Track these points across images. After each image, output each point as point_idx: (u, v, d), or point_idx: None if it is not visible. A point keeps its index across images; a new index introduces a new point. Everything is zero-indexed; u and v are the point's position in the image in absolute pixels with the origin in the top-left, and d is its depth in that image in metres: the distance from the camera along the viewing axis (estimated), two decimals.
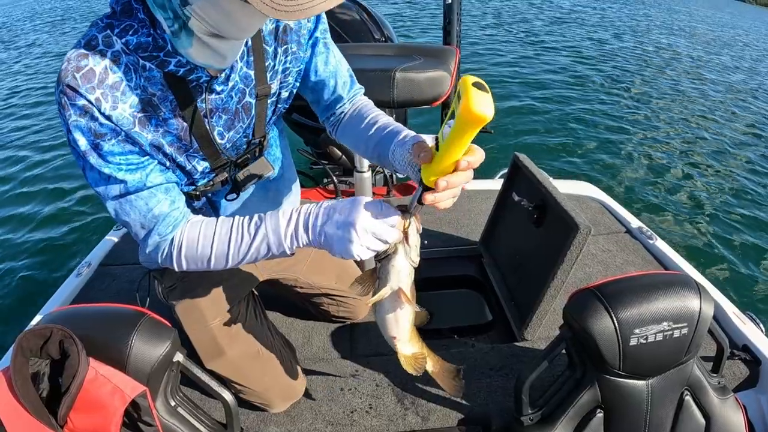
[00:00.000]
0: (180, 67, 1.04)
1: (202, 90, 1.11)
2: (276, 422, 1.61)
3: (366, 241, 1.01)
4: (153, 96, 1.06)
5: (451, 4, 3.19)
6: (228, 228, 1.15)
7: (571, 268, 1.73)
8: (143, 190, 1.12)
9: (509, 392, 1.61)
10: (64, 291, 2.17)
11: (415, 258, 1.08)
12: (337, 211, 1.05)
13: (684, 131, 7.65)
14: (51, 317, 1.30)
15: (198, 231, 1.17)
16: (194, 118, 1.13)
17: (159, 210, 1.14)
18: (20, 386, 1.11)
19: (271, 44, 1.21)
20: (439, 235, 2.50)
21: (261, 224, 1.12)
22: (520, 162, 2.13)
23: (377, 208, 1.01)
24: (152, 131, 1.08)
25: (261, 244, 1.12)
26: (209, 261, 1.17)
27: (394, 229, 1.02)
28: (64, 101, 0.98)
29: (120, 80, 1.00)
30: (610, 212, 2.68)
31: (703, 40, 17.27)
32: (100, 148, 1.03)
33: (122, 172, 1.08)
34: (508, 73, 9.91)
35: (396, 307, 1.12)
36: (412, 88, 1.74)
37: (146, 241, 1.18)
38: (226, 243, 1.14)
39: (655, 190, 5.69)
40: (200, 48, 1.00)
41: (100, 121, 1.00)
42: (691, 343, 1.31)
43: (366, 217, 1.00)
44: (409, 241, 1.06)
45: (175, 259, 1.19)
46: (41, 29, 16.14)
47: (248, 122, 1.26)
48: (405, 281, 1.08)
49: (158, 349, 1.26)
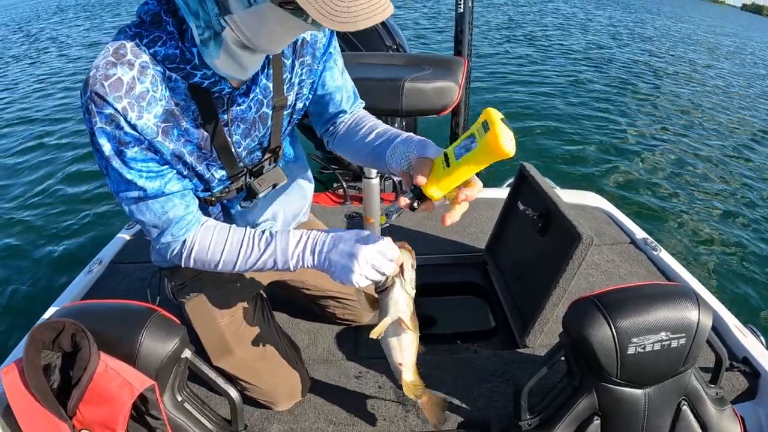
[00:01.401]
0: (205, 79, 1.08)
1: (224, 101, 1.16)
2: (279, 420, 1.64)
3: (366, 271, 1.11)
4: (176, 106, 1.10)
5: (462, 13, 3.21)
6: (240, 238, 1.23)
7: (573, 277, 1.75)
8: (161, 196, 1.17)
9: (509, 398, 1.63)
10: (75, 287, 2.20)
11: (410, 290, 1.20)
12: (343, 241, 1.15)
13: (694, 143, 7.61)
14: (64, 311, 1.34)
15: (210, 237, 1.24)
16: (216, 128, 1.17)
17: (174, 214, 1.20)
18: (32, 377, 1.14)
19: (289, 57, 1.27)
20: (446, 241, 2.52)
21: (272, 241, 1.21)
22: (526, 172, 2.16)
23: (379, 243, 1.13)
24: (174, 141, 1.13)
25: (268, 259, 1.21)
26: (217, 265, 1.25)
27: (392, 263, 1.14)
28: (91, 108, 1.02)
29: (146, 91, 1.04)
30: (616, 223, 2.69)
31: (714, 51, 17.20)
32: (124, 154, 1.08)
33: (142, 179, 1.12)
34: (516, 82, 9.90)
35: (399, 334, 1.23)
36: (420, 97, 1.76)
37: (159, 239, 1.23)
38: (236, 253, 1.23)
39: (662, 201, 5.67)
40: (226, 58, 1.06)
41: (125, 130, 1.04)
42: (689, 353, 1.32)
43: (368, 250, 1.11)
44: (404, 275, 1.18)
45: (184, 258, 1.26)
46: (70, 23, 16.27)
47: (264, 132, 1.31)
48: (404, 311, 1.19)
49: (167, 346, 1.29)
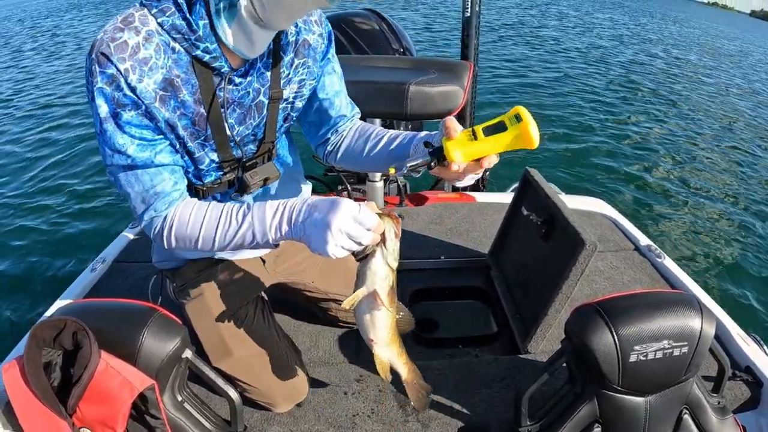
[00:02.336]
0: (206, 53, 1.13)
1: (222, 79, 1.19)
2: (279, 422, 1.64)
3: (341, 241, 1.04)
4: (177, 77, 1.14)
5: (469, 17, 3.23)
6: (218, 213, 1.20)
7: (576, 283, 1.74)
8: (151, 167, 1.18)
9: (510, 403, 1.63)
10: (78, 285, 2.20)
11: (392, 262, 1.11)
12: (318, 210, 1.08)
13: (701, 150, 7.60)
14: (65, 309, 1.34)
15: (189, 212, 1.22)
16: (212, 104, 1.20)
17: (162, 188, 1.20)
18: (32, 374, 1.14)
19: (288, 54, 1.32)
20: (449, 245, 2.52)
21: (249, 213, 1.17)
22: (530, 177, 2.15)
23: (354, 210, 1.04)
24: (170, 111, 1.16)
25: (247, 231, 1.16)
26: (197, 242, 1.22)
27: (370, 232, 1.05)
28: (94, 68, 1.06)
29: (149, 57, 1.09)
30: (620, 229, 2.68)
31: (723, 57, 17.17)
32: (119, 117, 1.11)
33: (134, 146, 1.15)
34: (522, 86, 9.91)
35: (372, 309, 1.14)
36: (425, 101, 1.77)
37: (143, 215, 1.24)
38: (214, 227, 1.19)
39: (666, 208, 5.66)
40: (237, 31, 1.11)
41: (125, 92, 1.09)
42: (691, 362, 1.32)
43: (342, 219, 1.02)
44: (386, 245, 1.09)
45: (165, 236, 1.24)
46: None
47: (259, 121, 1.33)
48: (381, 284, 1.11)
49: (168, 345, 1.29)
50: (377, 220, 1.06)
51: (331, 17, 3.55)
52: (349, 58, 2.49)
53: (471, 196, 3.00)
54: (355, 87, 1.83)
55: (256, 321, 1.65)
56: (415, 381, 1.32)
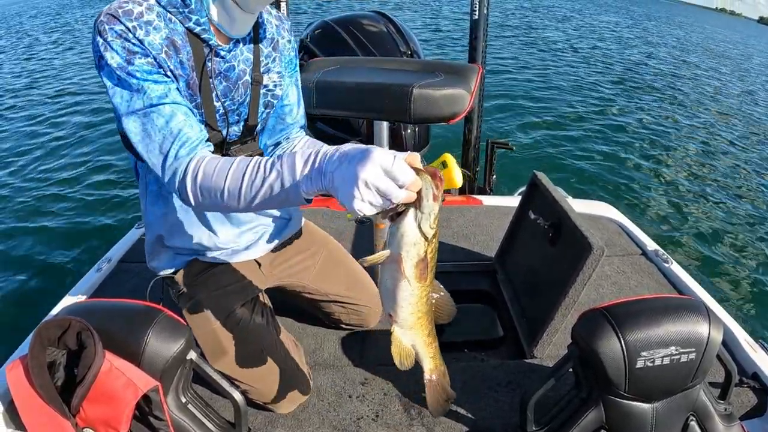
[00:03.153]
0: (197, 25, 1.25)
1: (210, 51, 1.30)
2: (283, 424, 1.63)
3: (369, 197, 0.91)
4: (175, 41, 1.24)
5: (477, 20, 3.22)
6: (245, 163, 1.14)
7: (583, 288, 1.74)
8: (165, 104, 1.21)
9: (515, 408, 1.62)
10: (84, 284, 2.21)
11: (426, 229, 0.94)
12: (348, 159, 0.97)
13: (709, 155, 7.59)
14: (70, 309, 1.34)
15: (216, 163, 1.18)
16: (202, 73, 1.30)
17: (178, 128, 1.22)
18: (36, 374, 1.15)
19: (267, 47, 1.47)
20: (455, 249, 2.52)
21: (278, 162, 1.09)
22: (538, 180, 2.15)
23: (387, 162, 0.90)
24: (174, 66, 1.24)
25: (275, 180, 1.08)
26: (223, 194, 1.15)
27: (403, 189, 0.91)
28: (102, 27, 1.15)
29: (153, 20, 1.20)
30: (627, 234, 2.67)
31: (734, 64, 17.13)
32: (132, 63, 1.17)
33: (148, 82, 1.20)
34: (530, 90, 9.90)
35: (394, 279, 1.00)
36: (428, 104, 1.75)
37: (164, 166, 1.22)
38: (240, 177, 1.12)
39: (674, 213, 5.65)
40: (219, 9, 1.25)
41: (133, 42, 1.17)
42: (698, 368, 1.31)
43: (371, 171, 0.90)
44: (421, 206, 0.93)
45: (190, 187, 1.19)
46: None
47: (243, 99, 1.43)
48: (408, 250, 0.95)
49: (173, 346, 1.29)
50: (413, 175, 0.91)
51: (339, 19, 3.55)
52: (355, 59, 2.48)
53: (478, 199, 2.99)
54: (359, 88, 1.83)
55: (254, 321, 1.65)
56: (439, 382, 1.21)
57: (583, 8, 28.86)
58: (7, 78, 10.99)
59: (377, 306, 1.95)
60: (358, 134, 3.29)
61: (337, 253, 1.95)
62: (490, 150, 3.53)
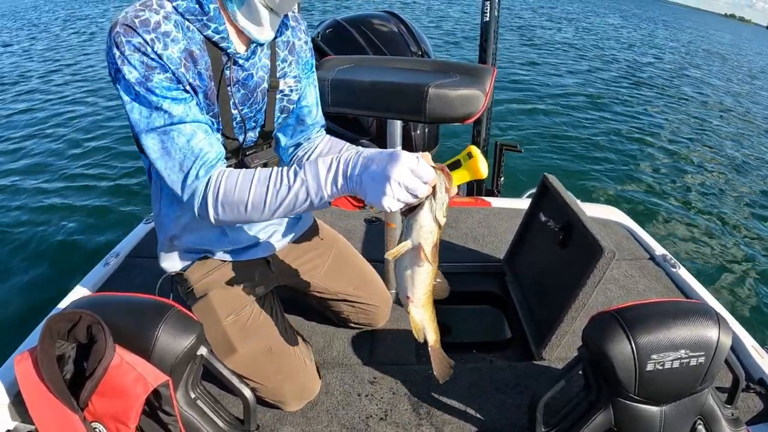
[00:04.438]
0: (216, 33, 1.22)
1: (228, 59, 1.28)
2: (292, 422, 1.64)
3: (398, 194, 1.04)
4: (193, 52, 1.22)
5: (488, 21, 3.22)
6: (267, 174, 1.20)
7: (593, 291, 1.74)
8: (186, 123, 1.21)
9: (523, 410, 1.63)
10: (91, 279, 2.20)
11: (440, 217, 1.09)
12: (375, 162, 1.08)
13: (719, 162, 7.57)
14: (80, 303, 1.34)
15: (236, 177, 1.22)
16: (221, 82, 1.29)
17: (199, 147, 1.22)
18: (45, 367, 1.15)
19: (283, 50, 1.45)
20: (465, 250, 2.52)
21: (300, 171, 1.16)
22: (549, 183, 2.15)
23: (413, 163, 1.04)
24: (192, 78, 1.23)
25: (300, 189, 1.16)
26: (246, 207, 1.21)
27: (427, 185, 1.05)
28: (119, 39, 1.12)
29: (170, 31, 1.17)
30: (635, 238, 2.67)
31: (745, 71, 17.07)
32: (150, 79, 1.16)
33: (168, 101, 1.18)
34: (541, 92, 9.89)
35: (414, 265, 1.13)
36: (444, 104, 1.75)
37: (184, 185, 1.24)
38: (265, 187, 1.19)
39: (683, 218, 5.64)
40: (247, 12, 1.23)
41: (151, 57, 1.15)
42: (707, 372, 1.31)
43: (401, 171, 1.03)
44: (435, 198, 1.08)
45: (211, 204, 1.23)
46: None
47: (260, 106, 1.42)
48: (427, 238, 1.09)
49: (183, 342, 1.30)
50: (434, 173, 1.06)
51: (350, 18, 3.57)
52: (369, 58, 2.49)
53: (486, 201, 2.99)
54: (374, 87, 1.83)
55: (263, 319, 1.66)
56: (441, 351, 1.32)
57: (591, 14, 28.80)
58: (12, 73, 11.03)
59: (386, 306, 1.96)
60: (368, 133, 3.30)
61: (347, 251, 1.96)
62: (498, 152, 3.54)
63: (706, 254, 4.96)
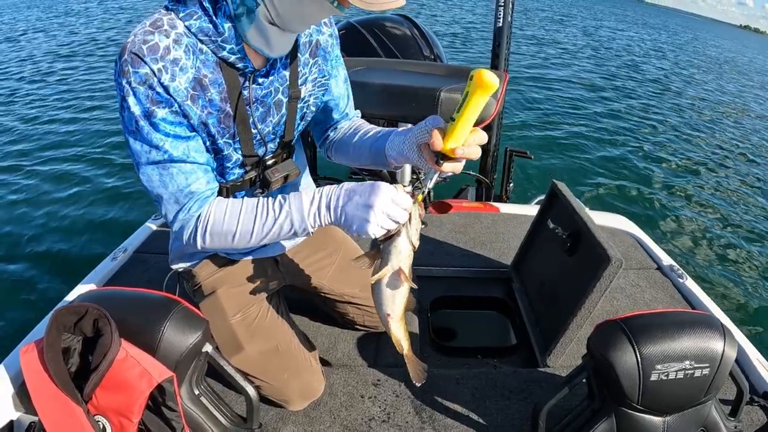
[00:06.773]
0: (232, 54, 1.19)
1: (246, 79, 1.25)
2: (294, 422, 1.64)
3: (382, 221, 1.12)
4: (205, 77, 1.19)
5: (501, 27, 3.22)
6: (254, 205, 1.25)
7: (599, 300, 1.73)
8: (186, 163, 1.22)
9: (526, 416, 1.63)
10: (98, 273, 2.22)
11: (415, 240, 1.18)
12: (358, 194, 1.16)
13: (729, 173, 7.54)
14: (87, 296, 1.35)
15: (225, 208, 1.26)
16: (238, 102, 1.27)
17: (196, 187, 1.24)
18: (50, 359, 1.16)
19: (304, 54, 1.40)
20: (472, 255, 2.52)
21: (285, 203, 1.22)
22: (557, 189, 2.15)
23: (393, 192, 1.13)
24: (200, 109, 1.20)
25: (285, 221, 1.22)
26: (234, 237, 1.26)
27: (406, 212, 1.14)
28: (127, 68, 1.10)
29: (180, 57, 1.14)
30: (643, 248, 2.66)
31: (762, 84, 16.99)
32: (154, 115, 1.15)
33: (169, 140, 1.18)
34: (551, 101, 9.87)
35: (395, 286, 1.20)
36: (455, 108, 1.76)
37: (176, 217, 1.27)
38: (252, 219, 1.24)
39: (691, 228, 5.62)
40: (256, 32, 1.16)
41: (157, 90, 1.13)
42: (711, 384, 1.31)
43: (383, 201, 1.12)
44: (411, 224, 1.16)
45: (200, 234, 1.27)
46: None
47: (279, 118, 1.39)
48: (405, 262, 1.17)
49: (189, 338, 1.30)
50: (411, 200, 1.15)
51: (363, 21, 3.56)
52: (381, 60, 2.49)
53: (495, 206, 2.99)
54: (386, 90, 1.83)
55: (269, 318, 1.67)
56: (414, 357, 1.37)
57: (604, 21, 28.72)
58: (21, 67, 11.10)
59: None
60: None
61: (354, 253, 1.95)
62: (508, 158, 3.53)
63: (714, 265, 4.95)
